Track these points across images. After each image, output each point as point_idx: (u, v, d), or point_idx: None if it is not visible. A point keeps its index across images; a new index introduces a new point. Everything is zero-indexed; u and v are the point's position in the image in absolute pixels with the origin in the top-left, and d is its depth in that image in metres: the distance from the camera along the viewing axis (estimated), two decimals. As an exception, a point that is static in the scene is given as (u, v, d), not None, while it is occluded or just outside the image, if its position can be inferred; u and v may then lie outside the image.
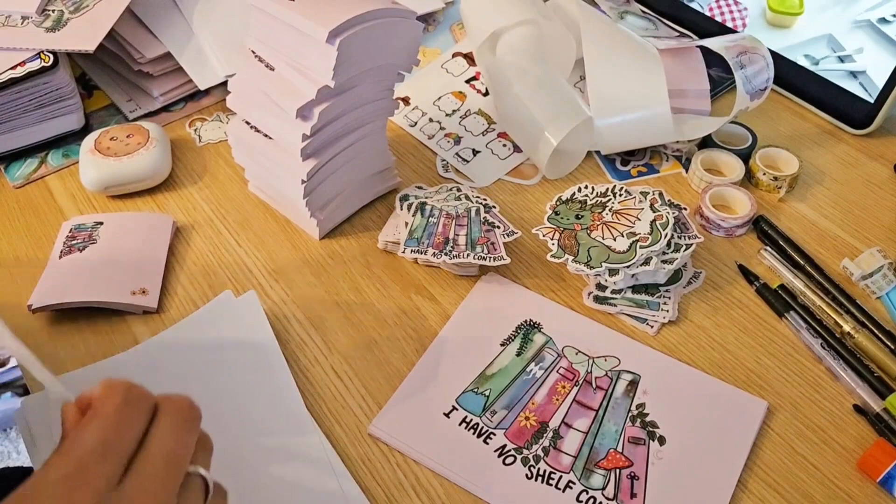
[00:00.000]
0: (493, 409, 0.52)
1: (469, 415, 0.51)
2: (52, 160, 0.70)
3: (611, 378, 0.53)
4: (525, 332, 0.56)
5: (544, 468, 0.49)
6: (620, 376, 0.54)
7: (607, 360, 0.54)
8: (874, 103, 0.70)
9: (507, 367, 0.54)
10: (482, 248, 0.58)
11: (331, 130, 0.58)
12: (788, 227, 0.64)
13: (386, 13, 0.55)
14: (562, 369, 0.54)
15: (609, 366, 0.54)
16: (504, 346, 0.55)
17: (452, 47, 0.82)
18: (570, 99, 0.68)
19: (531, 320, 0.57)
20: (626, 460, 0.49)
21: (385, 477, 0.49)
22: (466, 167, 0.69)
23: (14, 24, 0.70)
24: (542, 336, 0.56)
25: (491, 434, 0.51)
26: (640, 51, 0.67)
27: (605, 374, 0.54)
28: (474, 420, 0.51)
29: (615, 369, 0.54)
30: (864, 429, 0.51)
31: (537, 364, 0.54)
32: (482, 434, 0.51)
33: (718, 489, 0.48)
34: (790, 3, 0.77)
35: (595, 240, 0.57)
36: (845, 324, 0.56)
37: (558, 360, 0.54)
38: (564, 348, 0.55)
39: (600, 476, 0.49)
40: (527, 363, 0.54)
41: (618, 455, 0.50)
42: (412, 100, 0.76)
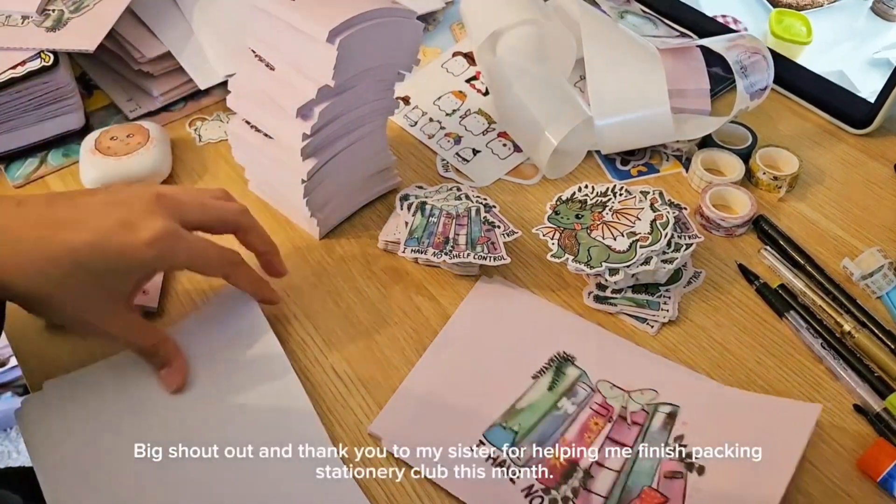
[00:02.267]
0: (521, 445, 0.49)
1: (496, 450, 0.49)
2: (53, 160, 0.70)
3: (647, 412, 0.51)
4: (558, 365, 0.54)
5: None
6: (658, 409, 0.51)
7: (644, 394, 0.52)
8: (874, 103, 0.70)
9: (538, 401, 0.51)
10: (482, 248, 0.58)
11: (331, 130, 0.58)
12: (788, 227, 0.64)
13: (386, 13, 0.55)
14: (595, 405, 0.51)
15: (646, 399, 0.51)
16: (536, 379, 0.53)
17: (452, 47, 0.82)
18: (570, 99, 0.68)
19: (564, 353, 0.54)
20: (660, 497, 0.47)
21: (385, 477, 0.49)
22: (466, 167, 0.69)
23: (14, 23, 0.70)
24: (576, 370, 0.53)
25: (518, 472, 0.48)
26: (641, 51, 0.67)
27: (641, 409, 0.51)
28: (501, 456, 0.49)
29: (652, 402, 0.51)
30: (865, 429, 0.51)
31: (569, 399, 0.52)
32: (509, 471, 0.48)
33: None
34: (796, 31, 0.72)
35: (595, 239, 0.57)
36: (845, 323, 0.56)
37: (591, 396, 0.52)
38: (598, 383, 0.52)
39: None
40: (558, 398, 0.52)
41: (652, 492, 0.47)
42: (412, 99, 0.76)
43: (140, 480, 0.47)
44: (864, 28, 0.70)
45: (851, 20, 0.71)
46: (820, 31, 0.72)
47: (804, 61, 0.73)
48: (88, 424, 0.50)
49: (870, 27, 0.70)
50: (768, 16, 0.75)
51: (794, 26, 0.73)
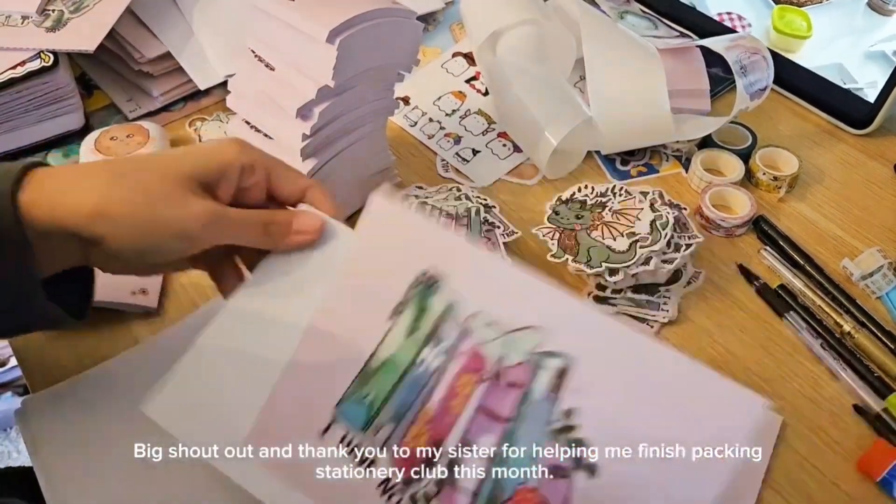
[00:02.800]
0: (377, 422, 0.39)
1: (350, 431, 0.39)
2: (53, 160, 0.69)
3: (531, 366, 0.38)
4: (420, 294, 0.40)
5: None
6: (543, 362, 0.37)
7: (527, 335, 0.38)
8: (874, 103, 0.70)
9: (396, 355, 0.40)
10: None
11: (331, 130, 0.58)
12: (788, 227, 0.64)
13: (386, 13, 0.55)
14: (464, 356, 0.39)
15: (530, 344, 0.38)
16: (393, 320, 0.40)
17: (452, 47, 0.82)
18: (570, 99, 0.68)
19: (429, 275, 0.40)
20: (539, 499, 0.36)
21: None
22: (466, 167, 0.69)
23: (14, 23, 0.70)
24: (443, 300, 0.40)
25: (374, 460, 0.38)
26: (641, 51, 0.67)
27: (523, 361, 0.38)
28: (356, 438, 0.39)
29: (538, 351, 0.38)
30: (865, 429, 0.51)
31: (434, 347, 0.40)
32: (364, 461, 0.39)
33: None
34: (797, 26, 0.74)
35: (595, 240, 0.57)
36: (845, 324, 0.56)
37: (462, 339, 0.39)
38: (471, 317, 0.39)
39: None
40: (420, 346, 0.40)
41: (530, 494, 0.36)
42: (412, 99, 0.76)
43: (140, 480, 0.47)
44: (861, 23, 0.72)
45: (850, 15, 0.73)
46: (819, 26, 0.74)
47: (804, 55, 0.74)
48: (88, 424, 0.50)
49: (867, 22, 0.72)
50: (771, 12, 0.76)
51: (795, 21, 0.75)
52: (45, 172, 0.39)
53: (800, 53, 0.74)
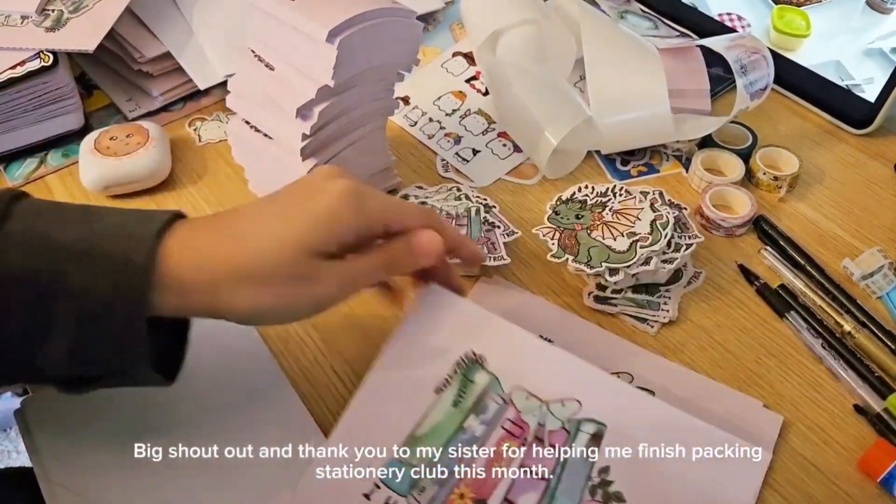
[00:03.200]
0: (422, 485, 0.42)
1: (394, 495, 0.41)
2: (52, 160, 0.69)
3: (568, 431, 0.43)
4: (464, 371, 0.45)
5: None
6: (581, 428, 0.43)
7: (565, 406, 0.43)
8: (874, 103, 0.70)
9: (442, 423, 0.43)
10: (482, 249, 0.58)
11: (331, 130, 0.58)
12: (789, 227, 0.64)
13: (386, 13, 0.55)
14: (508, 423, 0.43)
15: (567, 413, 0.43)
16: (439, 394, 0.44)
17: (452, 47, 0.82)
18: (570, 99, 0.68)
19: (473, 353, 0.45)
20: None
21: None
22: (466, 167, 0.69)
23: (14, 23, 0.70)
24: (486, 375, 0.45)
25: None
26: (641, 50, 0.67)
27: (561, 427, 0.43)
28: (399, 502, 0.41)
29: (574, 417, 0.43)
30: (865, 429, 0.51)
31: (478, 417, 0.44)
32: None
33: None
34: (796, 25, 0.74)
35: (595, 240, 0.57)
36: (846, 324, 0.56)
37: (504, 410, 0.44)
38: (513, 391, 0.44)
39: None
40: (465, 416, 0.44)
41: None
42: (412, 99, 0.75)
43: (140, 480, 0.47)
44: (860, 21, 0.73)
45: (848, 14, 0.74)
46: (818, 25, 0.74)
47: (802, 53, 0.75)
48: (88, 424, 0.50)
49: (865, 20, 0.73)
50: (770, 12, 0.76)
51: (795, 21, 0.75)
52: (183, 239, 0.40)
53: (798, 52, 0.75)
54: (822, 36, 0.74)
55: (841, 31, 0.73)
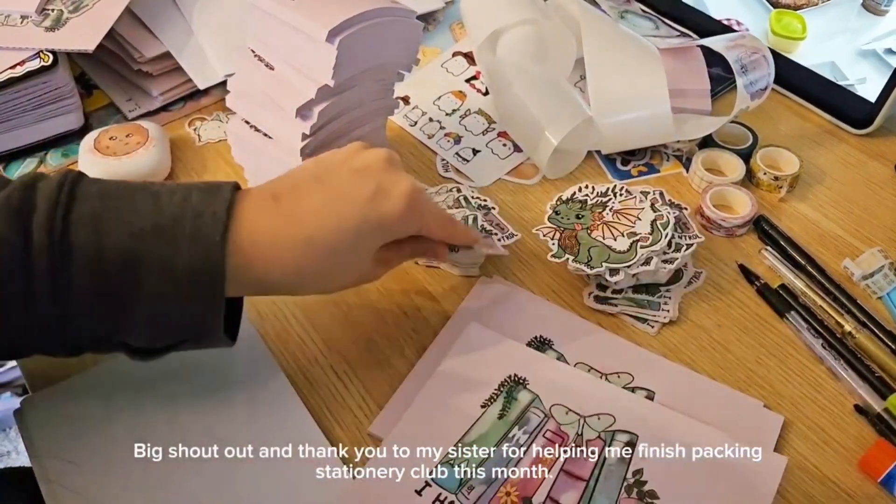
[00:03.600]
0: (470, 484, 0.46)
1: (444, 492, 0.46)
2: (52, 160, 0.69)
3: (604, 440, 0.48)
4: (509, 389, 0.51)
5: None
6: (615, 437, 0.48)
7: (601, 419, 0.49)
8: (875, 103, 0.70)
9: (488, 433, 0.48)
10: (486, 234, 0.58)
11: (330, 130, 0.58)
12: (789, 227, 0.64)
13: (386, 12, 0.55)
14: (548, 432, 0.49)
15: (603, 425, 0.49)
16: (485, 408, 0.50)
17: (452, 46, 0.82)
18: (571, 98, 0.68)
19: (516, 376, 0.51)
20: None
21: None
22: (466, 167, 0.69)
23: (13, 23, 0.70)
24: (528, 394, 0.50)
25: None
26: (641, 50, 0.67)
27: (597, 436, 0.48)
28: (449, 498, 0.45)
29: (609, 429, 0.49)
30: (865, 429, 0.51)
31: (521, 428, 0.49)
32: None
33: None
34: (793, 28, 0.75)
35: (595, 240, 0.57)
36: (846, 324, 0.56)
37: (545, 422, 0.49)
38: (552, 407, 0.50)
39: None
40: (510, 427, 0.49)
41: None
42: (412, 99, 0.75)
43: (140, 481, 0.47)
44: (855, 23, 0.73)
45: (844, 16, 0.74)
46: (815, 27, 0.75)
47: (799, 55, 0.75)
48: (88, 424, 0.50)
49: (861, 22, 0.73)
50: (768, 16, 0.76)
51: (792, 24, 0.76)
52: (251, 221, 0.43)
53: (794, 54, 0.75)
54: (818, 38, 0.74)
55: (837, 33, 0.74)
